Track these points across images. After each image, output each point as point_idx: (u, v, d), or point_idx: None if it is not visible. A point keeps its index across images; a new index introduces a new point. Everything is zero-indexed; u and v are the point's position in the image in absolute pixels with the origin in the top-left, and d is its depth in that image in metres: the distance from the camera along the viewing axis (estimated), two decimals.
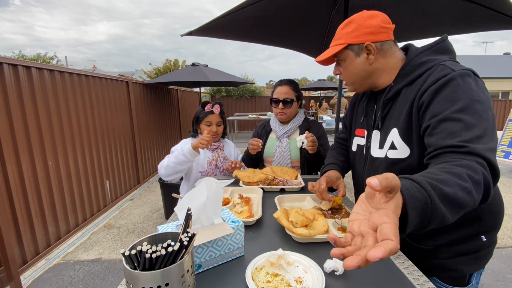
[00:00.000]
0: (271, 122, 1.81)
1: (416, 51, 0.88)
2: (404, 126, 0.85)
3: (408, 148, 0.84)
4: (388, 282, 0.69)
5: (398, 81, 0.89)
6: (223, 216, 0.84)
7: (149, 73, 10.56)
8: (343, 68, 0.97)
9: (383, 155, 0.91)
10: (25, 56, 14.42)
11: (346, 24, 0.92)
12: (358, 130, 1.10)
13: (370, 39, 0.88)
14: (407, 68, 0.87)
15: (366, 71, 0.93)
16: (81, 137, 3.06)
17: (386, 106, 0.93)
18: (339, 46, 0.92)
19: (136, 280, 0.51)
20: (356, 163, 1.11)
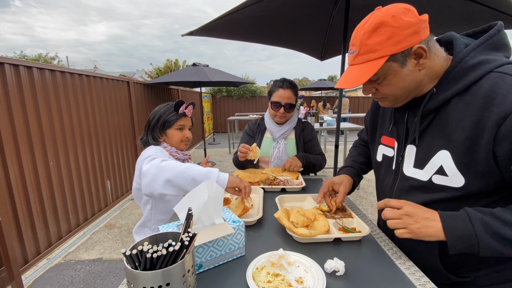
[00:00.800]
0: (266, 121, 1.78)
1: (467, 49, 0.70)
2: (461, 151, 0.69)
3: (463, 178, 0.69)
4: (389, 282, 0.69)
5: (444, 87, 0.72)
6: (223, 216, 0.84)
7: (150, 73, 10.57)
8: (385, 85, 0.75)
9: (426, 178, 0.77)
10: (27, 56, 14.46)
11: (372, 31, 0.69)
12: (385, 138, 0.94)
13: (415, 40, 0.68)
14: (456, 70, 0.70)
15: (416, 80, 0.73)
16: (82, 137, 3.07)
17: (427, 117, 0.76)
18: (377, 61, 0.70)
19: (137, 279, 0.52)
20: (381, 175, 0.97)
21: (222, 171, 1.05)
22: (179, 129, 1.32)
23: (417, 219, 0.70)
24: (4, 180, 2.14)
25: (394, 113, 0.89)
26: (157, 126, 1.29)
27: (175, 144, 1.32)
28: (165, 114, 1.30)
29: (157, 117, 1.29)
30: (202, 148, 7.16)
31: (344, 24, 2.31)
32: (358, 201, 3.84)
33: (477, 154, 0.66)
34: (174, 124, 1.30)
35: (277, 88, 1.67)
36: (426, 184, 0.77)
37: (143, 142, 1.33)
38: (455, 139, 0.70)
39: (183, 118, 1.33)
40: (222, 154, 7.14)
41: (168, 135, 1.31)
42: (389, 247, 0.86)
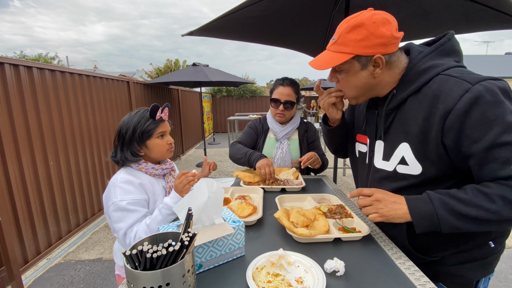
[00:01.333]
0: (269, 121, 1.77)
1: (419, 55, 0.81)
2: (417, 143, 0.79)
3: (421, 166, 0.80)
4: (389, 282, 0.69)
5: (402, 89, 0.83)
6: (224, 216, 0.84)
7: (150, 73, 10.58)
8: (344, 79, 0.87)
9: (391, 168, 0.87)
10: (26, 56, 14.46)
11: (353, 28, 0.78)
12: (359, 136, 1.05)
13: (380, 51, 0.78)
14: (410, 74, 0.81)
15: (370, 84, 0.85)
16: (82, 137, 3.07)
17: (389, 115, 0.87)
18: (345, 55, 0.80)
19: (137, 279, 0.52)
20: (359, 170, 1.08)
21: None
22: (160, 137, 1.15)
23: (386, 203, 0.79)
24: (4, 180, 2.14)
25: (367, 114, 0.99)
26: (134, 139, 1.10)
27: (160, 155, 1.17)
28: (141, 124, 1.10)
29: (132, 129, 1.10)
30: (202, 148, 7.16)
31: None
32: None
33: (429, 145, 0.77)
34: (154, 132, 1.12)
35: (278, 86, 1.67)
36: (392, 174, 0.88)
37: (117, 161, 1.12)
38: (412, 133, 0.80)
39: (162, 124, 1.15)
40: (222, 154, 7.14)
41: (149, 146, 1.13)
42: (389, 247, 0.86)
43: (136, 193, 1.08)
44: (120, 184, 1.06)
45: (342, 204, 1.12)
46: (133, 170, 1.13)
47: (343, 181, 4.76)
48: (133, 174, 1.12)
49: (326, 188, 1.46)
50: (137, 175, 1.12)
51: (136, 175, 1.12)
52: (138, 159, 1.13)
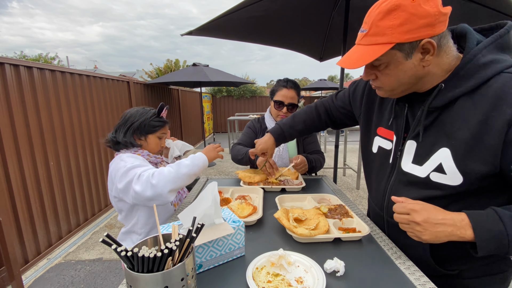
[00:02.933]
0: (267, 121, 1.78)
1: (479, 46, 0.67)
2: (463, 150, 0.67)
3: (462, 177, 0.68)
4: (389, 282, 0.69)
5: (453, 84, 0.69)
6: (224, 216, 0.84)
7: (150, 73, 10.58)
8: (385, 73, 0.72)
9: (424, 174, 0.76)
10: (27, 56, 14.46)
11: (387, 13, 0.64)
12: (382, 130, 0.91)
13: (428, 33, 0.64)
14: (468, 67, 0.67)
15: (417, 76, 0.71)
16: (82, 137, 3.07)
17: (432, 113, 0.74)
18: (383, 45, 0.66)
19: (136, 282, 0.51)
20: (376, 167, 0.95)
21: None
22: (159, 137, 1.29)
23: (426, 227, 0.67)
24: (4, 180, 2.14)
25: (395, 106, 0.86)
26: (140, 128, 1.22)
27: (151, 151, 1.27)
28: (148, 117, 1.24)
29: (143, 119, 1.22)
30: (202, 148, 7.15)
31: (344, 25, 2.31)
32: (358, 201, 3.85)
33: (479, 154, 0.65)
34: (159, 130, 1.27)
35: (281, 88, 1.68)
36: (423, 180, 0.76)
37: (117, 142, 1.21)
38: (459, 138, 0.68)
39: (167, 126, 1.31)
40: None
41: (149, 140, 1.25)
42: (389, 247, 0.86)
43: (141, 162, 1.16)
44: (126, 158, 1.15)
45: (342, 204, 1.12)
46: (132, 154, 1.21)
47: (343, 181, 4.76)
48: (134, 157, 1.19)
49: (326, 188, 1.46)
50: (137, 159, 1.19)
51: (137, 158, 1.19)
52: (137, 146, 1.24)
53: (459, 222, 0.65)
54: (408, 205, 0.70)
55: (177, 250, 0.55)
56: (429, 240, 0.67)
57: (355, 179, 4.69)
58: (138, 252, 0.52)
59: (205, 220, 0.78)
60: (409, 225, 0.69)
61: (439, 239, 0.66)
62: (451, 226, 0.65)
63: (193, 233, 0.58)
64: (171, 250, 0.53)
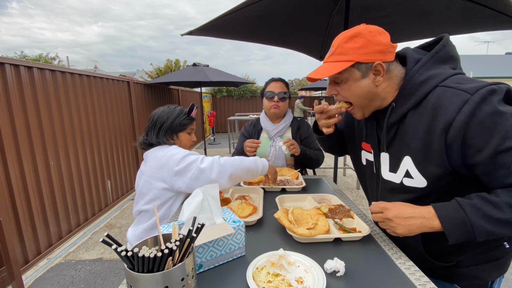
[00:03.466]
0: (262, 121, 1.81)
1: (416, 67, 0.80)
2: (418, 157, 0.79)
3: (425, 180, 0.79)
4: (389, 282, 0.69)
5: (401, 102, 0.81)
6: (224, 216, 0.84)
7: (150, 73, 10.58)
8: (344, 88, 0.85)
9: (398, 180, 0.86)
10: (27, 56, 14.47)
11: (350, 38, 0.79)
12: (364, 144, 1.02)
13: (380, 58, 0.78)
14: (408, 87, 0.80)
15: (372, 93, 0.83)
16: (82, 137, 3.07)
17: (391, 128, 0.86)
18: (345, 63, 0.79)
19: (136, 282, 0.51)
20: (367, 178, 1.06)
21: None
22: (189, 133, 1.37)
23: (397, 221, 0.75)
24: (4, 179, 2.14)
25: (366, 124, 0.98)
26: (171, 128, 1.29)
27: (185, 147, 1.32)
28: (179, 117, 1.31)
29: (173, 119, 1.29)
30: (202, 148, 7.15)
31: (344, 24, 2.31)
32: (358, 201, 3.85)
33: (431, 159, 0.76)
34: (188, 127, 1.34)
35: (270, 82, 1.77)
36: (399, 186, 0.86)
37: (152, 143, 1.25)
38: (414, 147, 0.79)
39: (194, 122, 1.39)
40: (222, 154, 7.11)
41: (180, 138, 1.33)
42: (389, 247, 0.86)
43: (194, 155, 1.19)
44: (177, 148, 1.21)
45: (342, 204, 1.12)
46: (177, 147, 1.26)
47: (343, 181, 4.76)
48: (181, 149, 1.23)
49: (326, 188, 1.46)
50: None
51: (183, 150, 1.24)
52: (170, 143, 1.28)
53: (427, 214, 0.74)
54: (381, 204, 0.81)
55: (177, 250, 0.55)
56: (403, 234, 0.75)
57: (355, 179, 4.69)
58: (138, 252, 0.52)
59: (204, 221, 0.78)
60: (384, 222, 0.79)
61: (412, 231, 0.74)
62: (421, 218, 0.73)
63: (193, 233, 0.58)
64: (171, 250, 0.53)
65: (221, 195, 1.23)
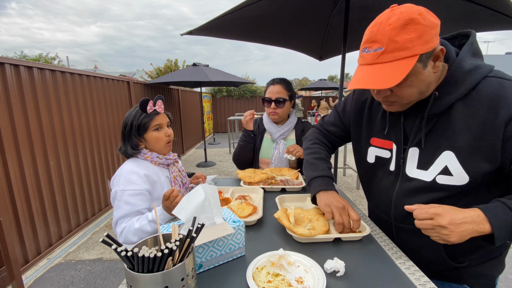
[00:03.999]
0: (265, 122, 1.77)
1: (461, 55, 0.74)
2: (466, 152, 0.73)
3: (468, 177, 0.73)
4: (389, 282, 0.69)
5: (447, 91, 0.74)
6: (224, 216, 0.84)
7: (150, 73, 10.58)
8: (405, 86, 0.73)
9: (429, 178, 0.80)
10: (27, 56, 14.47)
11: (402, 27, 0.66)
12: (376, 140, 0.95)
13: (437, 42, 0.69)
14: (457, 74, 0.73)
15: (430, 83, 0.74)
16: (82, 137, 3.07)
17: (431, 120, 0.78)
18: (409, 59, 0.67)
19: (136, 282, 0.51)
20: (377, 176, 0.98)
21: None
22: (156, 130, 1.20)
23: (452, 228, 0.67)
24: (4, 179, 2.14)
25: (389, 117, 0.89)
26: (132, 134, 1.18)
27: (158, 148, 1.23)
28: (136, 118, 1.17)
29: (130, 124, 1.18)
30: (202, 148, 7.16)
31: (344, 24, 2.31)
32: (358, 201, 3.85)
33: (482, 153, 0.71)
34: (149, 126, 1.18)
35: (268, 86, 1.72)
36: (429, 184, 0.80)
37: (123, 153, 1.22)
38: (461, 140, 0.73)
39: (156, 116, 1.20)
40: (222, 154, 7.14)
41: (147, 139, 1.20)
42: (389, 247, 0.86)
43: (139, 183, 1.13)
44: (125, 173, 1.13)
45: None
46: (139, 160, 1.20)
47: (343, 181, 4.76)
48: (139, 164, 1.17)
49: None
50: (143, 165, 1.18)
51: (142, 165, 1.18)
52: (138, 151, 1.20)
53: (476, 218, 0.68)
54: (430, 209, 0.71)
55: (177, 250, 0.55)
56: (456, 241, 0.68)
57: (355, 179, 4.69)
58: (138, 252, 0.52)
59: (204, 221, 0.78)
60: (434, 229, 0.69)
61: (464, 237, 0.68)
62: (472, 223, 0.68)
63: (193, 233, 0.58)
64: (171, 250, 0.53)
65: (221, 195, 1.23)
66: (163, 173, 1.26)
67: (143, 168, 1.17)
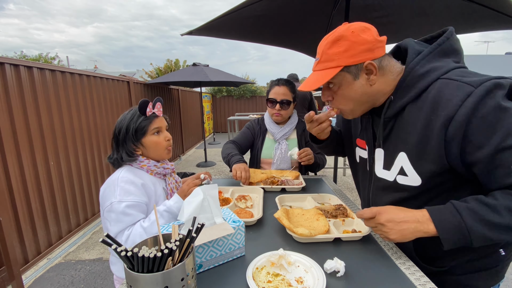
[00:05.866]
0: (266, 122, 1.77)
1: (417, 59, 0.76)
2: (414, 153, 0.75)
3: (419, 178, 0.75)
4: (389, 282, 0.69)
5: (399, 95, 0.78)
6: (224, 216, 0.84)
7: (150, 73, 10.58)
8: (338, 94, 0.83)
9: (392, 178, 0.83)
10: (27, 56, 14.46)
11: (333, 42, 0.76)
12: (359, 140, 1.00)
13: (368, 57, 0.75)
14: (407, 79, 0.76)
15: (367, 94, 0.80)
16: (82, 137, 3.07)
17: (388, 123, 0.82)
18: (332, 70, 0.77)
19: (136, 282, 0.51)
20: (360, 176, 1.03)
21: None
22: (156, 134, 1.10)
23: (391, 226, 0.73)
24: (4, 179, 2.14)
25: (361, 119, 0.95)
26: (128, 138, 1.06)
27: (158, 153, 1.12)
28: (133, 121, 1.06)
29: (125, 128, 1.06)
30: (202, 148, 7.15)
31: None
32: (358, 201, 3.84)
33: (428, 155, 0.72)
34: (148, 129, 1.08)
35: (273, 86, 1.70)
36: (392, 184, 0.83)
37: (113, 162, 1.09)
38: (410, 142, 0.76)
39: (156, 119, 1.10)
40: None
41: (146, 144, 1.08)
42: (389, 247, 0.86)
43: (137, 194, 1.01)
44: (121, 183, 1.00)
45: (342, 204, 1.12)
46: (134, 168, 1.08)
47: (343, 181, 4.75)
48: (135, 173, 1.06)
49: (326, 188, 1.46)
50: (139, 175, 1.07)
51: (138, 174, 1.06)
52: (134, 158, 1.07)
53: (420, 217, 0.71)
54: (374, 208, 0.77)
55: (177, 250, 0.55)
56: (396, 239, 0.73)
57: None
58: (138, 252, 0.52)
59: (203, 221, 0.78)
60: (376, 227, 0.76)
61: (405, 236, 0.71)
62: (414, 222, 0.71)
63: (193, 233, 0.58)
64: (171, 250, 0.53)
65: (221, 195, 1.23)
66: (160, 184, 1.15)
67: (139, 178, 1.05)
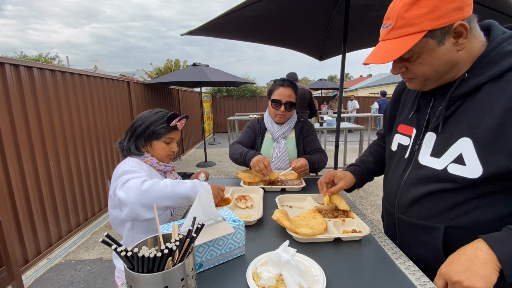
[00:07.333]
0: (266, 121, 1.78)
1: (505, 35, 0.66)
2: (485, 139, 0.64)
3: (482, 168, 0.65)
4: (389, 282, 0.69)
5: (476, 72, 0.67)
6: (224, 215, 0.84)
7: (150, 73, 10.58)
8: (417, 63, 0.70)
9: (441, 167, 0.72)
10: (27, 56, 14.46)
11: (413, 3, 0.64)
12: (402, 126, 0.90)
13: (458, 17, 0.63)
14: (491, 55, 0.66)
15: (452, 62, 0.68)
16: (82, 137, 3.07)
17: (454, 103, 0.72)
18: (414, 35, 0.64)
19: (136, 282, 0.51)
20: (393, 166, 0.92)
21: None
22: (166, 143, 1.18)
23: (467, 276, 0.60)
24: (4, 180, 2.14)
25: (419, 99, 0.84)
26: (143, 135, 1.14)
27: (159, 158, 1.20)
28: (155, 124, 1.14)
29: (146, 125, 1.14)
30: (202, 148, 7.16)
31: (344, 24, 2.31)
32: (358, 201, 3.85)
33: (504, 143, 0.62)
34: (163, 136, 1.16)
35: (278, 87, 1.68)
36: (439, 173, 0.73)
37: (123, 149, 1.16)
38: (482, 126, 0.65)
39: (174, 131, 1.19)
40: (222, 154, 7.14)
41: (154, 147, 1.17)
42: (389, 247, 0.86)
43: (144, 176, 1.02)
44: (131, 163, 1.08)
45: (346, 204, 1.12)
46: (140, 161, 1.14)
47: None
48: (141, 165, 1.12)
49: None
50: (144, 167, 1.13)
51: (143, 166, 1.13)
52: (140, 153, 1.16)
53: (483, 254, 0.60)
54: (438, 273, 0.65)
55: (177, 250, 0.55)
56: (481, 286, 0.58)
57: None
58: (138, 252, 0.52)
59: (204, 220, 0.78)
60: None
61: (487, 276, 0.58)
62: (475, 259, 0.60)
63: (193, 233, 0.58)
64: (171, 250, 0.53)
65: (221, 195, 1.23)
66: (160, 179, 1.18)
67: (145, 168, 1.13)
